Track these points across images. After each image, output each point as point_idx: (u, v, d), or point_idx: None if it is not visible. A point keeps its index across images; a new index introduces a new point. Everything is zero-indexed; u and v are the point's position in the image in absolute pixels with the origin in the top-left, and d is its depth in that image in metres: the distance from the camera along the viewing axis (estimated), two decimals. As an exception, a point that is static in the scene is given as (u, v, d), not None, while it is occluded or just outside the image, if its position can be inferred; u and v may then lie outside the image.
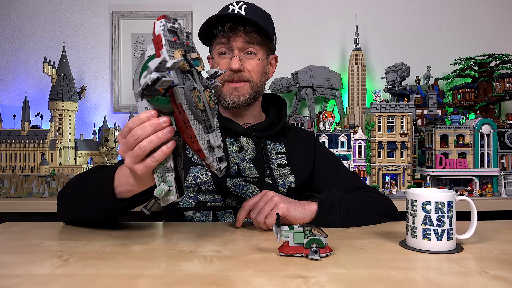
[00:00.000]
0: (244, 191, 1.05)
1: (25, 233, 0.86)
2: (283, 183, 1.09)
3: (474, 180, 1.83)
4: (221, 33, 1.05)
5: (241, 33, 1.05)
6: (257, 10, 1.10)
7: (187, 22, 2.28)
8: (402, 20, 2.33)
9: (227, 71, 1.07)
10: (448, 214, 0.72)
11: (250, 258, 0.68)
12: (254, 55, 1.10)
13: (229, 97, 1.10)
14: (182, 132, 0.69)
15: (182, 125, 0.68)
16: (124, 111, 2.27)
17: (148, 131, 0.67)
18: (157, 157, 0.68)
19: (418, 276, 0.59)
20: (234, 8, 1.06)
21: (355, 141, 1.92)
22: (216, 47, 1.10)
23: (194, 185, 1.06)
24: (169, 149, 0.68)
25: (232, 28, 1.04)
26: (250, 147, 1.13)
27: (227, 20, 1.04)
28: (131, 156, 0.70)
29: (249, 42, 1.07)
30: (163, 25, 0.65)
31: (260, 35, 1.07)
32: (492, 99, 2.06)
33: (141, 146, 0.68)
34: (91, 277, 0.58)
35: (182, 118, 0.67)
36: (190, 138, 0.68)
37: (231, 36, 1.06)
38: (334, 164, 1.20)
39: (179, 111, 0.66)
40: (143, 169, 0.70)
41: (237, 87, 1.09)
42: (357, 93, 2.12)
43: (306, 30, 2.31)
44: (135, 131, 0.68)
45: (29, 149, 1.83)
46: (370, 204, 1.01)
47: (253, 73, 1.10)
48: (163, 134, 0.67)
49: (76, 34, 2.29)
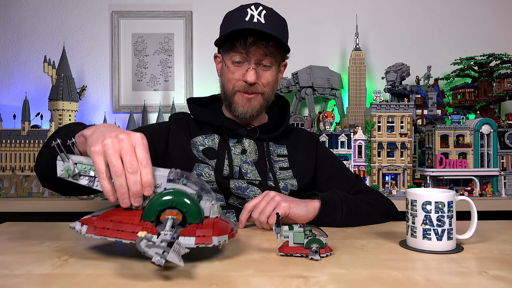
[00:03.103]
0: (246, 193, 1.05)
1: (25, 233, 0.86)
2: (285, 186, 1.09)
3: (474, 180, 1.83)
4: (242, 46, 1.04)
5: (261, 47, 1.04)
6: (276, 17, 1.09)
7: (187, 22, 2.28)
8: (402, 20, 2.33)
9: (241, 82, 1.08)
10: (448, 214, 0.72)
11: (250, 258, 0.68)
12: (269, 67, 1.09)
13: (241, 108, 1.10)
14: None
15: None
16: (124, 111, 2.27)
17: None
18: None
19: (418, 276, 0.59)
20: (253, 14, 1.05)
21: (355, 141, 1.92)
22: (231, 54, 1.08)
23: None
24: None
25: (254, 42, 1.03)
26: (253, 149, 1.13)
27: (250, 34, 1.02)
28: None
29: (267, 54, 1.06)
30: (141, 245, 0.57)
31: (279, 49, 1.07)
32: (492, 99, 2.06)
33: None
34: (91, 277, 0.58)
35: None
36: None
37: (251, 49, 1.04)
38: (337, 166, 1.21)
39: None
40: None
41: (250, 98, 1.10)
42: (357, 93, 2.12)
43: (306, 30, 2.31)
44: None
45: (29, 149, 1.83)
46: (372, 205, 1.02)
47: (267, 86, 1.10)
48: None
49: (76, 34, 2.29)
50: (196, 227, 0.62)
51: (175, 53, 2.29)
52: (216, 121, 1.15)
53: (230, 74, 1.09)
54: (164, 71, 2.29)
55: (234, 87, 1.09)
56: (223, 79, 1.14)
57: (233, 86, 1.10)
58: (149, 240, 0.57)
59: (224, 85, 1.13)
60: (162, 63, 2.29)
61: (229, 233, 0.65)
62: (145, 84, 2.29)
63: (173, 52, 2.29)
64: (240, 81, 1.08)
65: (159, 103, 2.26)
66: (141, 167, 0.64)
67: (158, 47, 2.29)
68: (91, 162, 0.68)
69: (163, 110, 2.22)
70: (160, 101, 2.27)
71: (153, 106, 2.27)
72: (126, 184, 0.63)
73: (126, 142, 0.65)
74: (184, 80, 2.29)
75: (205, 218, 0.64)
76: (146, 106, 2.25)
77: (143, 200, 0.65)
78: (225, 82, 1.12)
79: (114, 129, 0.69)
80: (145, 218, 0.63)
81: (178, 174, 0.67)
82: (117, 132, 0.67)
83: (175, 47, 2.29)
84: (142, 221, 0.62)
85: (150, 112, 2.26)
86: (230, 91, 1.11)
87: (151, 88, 2.29)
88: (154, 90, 2.29)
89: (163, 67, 2.29)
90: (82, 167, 0.69)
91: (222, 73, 1.15)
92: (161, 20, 2.29)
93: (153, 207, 0.63)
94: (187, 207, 0.62)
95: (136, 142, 0.65)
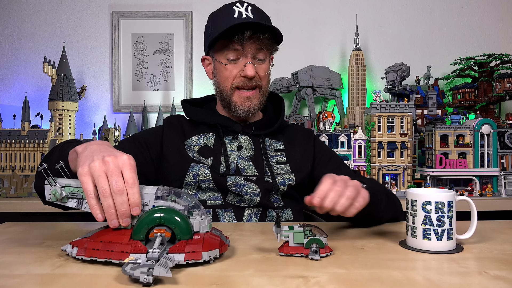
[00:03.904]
0: (244, 190, 1.04)
1: (25, 233, 0.86)
2: (283, 181, 1.08)
3: (474, 180, 1.83)
4: (240, 41, 1.03)
5: (257, 40, 1.04)
6: (261, 11, 1.10)
7: (187, 22, 2.28)
8: (402, 20, 2.33)
9: (239, 78, 1.08)
10: (448, 214, 0.72)
11: (250, 258, 0.68)
12: (263, 60, 1.10)
13: (242, 106, 1.10)
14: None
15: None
16: (124, 111, 2.27)
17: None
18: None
19: (418, 276, 0.59)
20: (241, 11, 1.05)
21: (355, 141, 1.92)
22: (225, 53, 1.07)
23: (194, 182, 1.06)
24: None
25: (250, 36, 1.03)
26: (249, 145, 1.13)
27: (248, 28, 1.02)
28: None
29: (261, 48, 1.07)
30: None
31: (272, 40, 1.07)
32: (492, 99, 2.06)
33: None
34: (91, 277, 0.58)
35: None
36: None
37: (247, 44, 1.05)
38: (335, 161, 1.20)
39: None
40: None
41: (250, 96, 1.09)
42: (357, 93, 2.12)
43: (306, 30, 2.31)
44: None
45: (29, 149, 1.83)
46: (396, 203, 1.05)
47: (263, 79, 1.11)
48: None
49: (76, 34, 2.29)
50: (186, 243, 0.62)
51: (175, 53, 2.29)
52: (211, 120, 1.15)
53: (227, 72, 1.08)
54: (164, 71, 2.29)
55: (232, 84, 1.09)
56: (218, 80, 1.13)
57: (231, 84, 1.09)
58: (134, 263, 0.57)
59: (220, 85, 1.12)
60: (162, 63, 2.29)
61: (220, 247, 0.64)
62: (145, 84, 2.29)
63: (173, 52, 2.29)
64: (239, 77, 1.08)
65: (159, 103, 2.26)
66: (128, 188, 0.65)
67: (158, 47, 2.29)
68: (78, 184, 0.68)
69: (163, 110, 2.22)
70: (160, 101, 2.27)
71: (153, 106, 2.27)
72: (114, 204, 0.64)
73: (112, 164, 0.65)
74: (184, 80, 2.29)
75: (195, 233, 0.64)
76: (146, 106, 2.25)
77: (131, 220, 0.65)
78: (222, 81, 1.11)
79: (103, 149, 0.70)
80: (134, 237, 0.63)
81: (166, 191, 0.67)
82: (105, 153, 0.67)
83: (175, 47, 2.29)
84: (132, 240, 0.63)
85: (150, 112, 2.26)
86: (228, 90, 1.10)
87: (151, 88, 2.29)
88: (154, 90, 2.29)
89: (163, 67, 2.29)
90: (69, 190, 0.69)
91: (215, 74, 1.14)
92: (161, 20, 2.29)
93: (141, 225, 0.63)
94: (176, 224, 0.62)
95: (123, 163, 0.66)
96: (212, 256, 0.63)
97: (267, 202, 1.06)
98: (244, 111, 1.10)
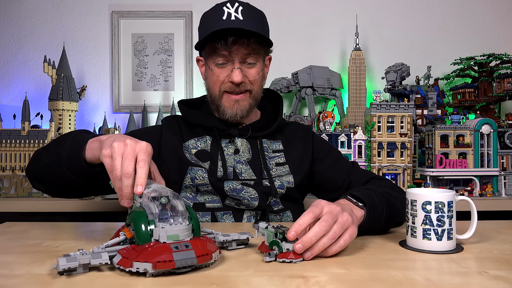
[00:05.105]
0: (241, 195, 1.04)
1: (25, 233, 0.86)
2: (281, 184, 1.07)
3: (474, 180, 1.83)
4: (224, 47, 1.00)
5: (243, 45, 1.00)
6: (254, 11, 1.05)
7: (187, 22, 2.28)
8: (402, 20, 2.33)
9: (227, 83, 1.05)
10: (448, 214, 0.72)
11: (250, 258, 0.68)
12: (254, 64, 1.05)
13: (230, 110, 1.07)
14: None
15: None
16: (124, 111, 2.27)
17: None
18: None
19: (418, 276, 0.59)
20: (230, 12, 1.01)
21: (355, 141, 1.92)
22: (213, 57, 1.05)
23: (192, 185, 1.05)
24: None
25: (235, 41, 0.99)
26: (246, 148, 1.11)
27: (230, 34, 0.98)
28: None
29: (250, 53, 1.03)
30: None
31: (262, 45, 1.04)
32: (492, 99, 2.06)
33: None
34: (91, 277, 0.58)
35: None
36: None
37: (233, 49, 1.01)
38: (334, 155, 1.19)
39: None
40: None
41: (238, 100, 1.06)
42: (357, 93, 2.12)
43: (306, 30, 2.31)
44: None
45: (29, 149, 1.83)
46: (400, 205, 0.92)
47: (254, 83, 1.07)
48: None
49: (76, 34, 2.29)
50: (131, 247, 0.61)
51: (175, 53, 2.29)
52: (207, 123, 1.12)
53: (215, 77, 1.06)
54: (164, 71, 2.29)
55: (220, 89, 1.06)
56: (208, 83, 1.11)
57: (219, 88, 1.06)
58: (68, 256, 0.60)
59: (210, 89, 1.10)
60: (162, 63, 2.29)
61: (154, 262, 0.57)
62: (145, 84, 2.29)
63: (173, 52, 2.29)
64: (227, 82, 1.05)
65: (159, 103, 2.26)
66: (138, 168, 0.69)
67: (158, 47, 2.29)
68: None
69: (163, 110, 2.22)
70: (160, 101, 2.27)
71: (153, 106, 2.27)
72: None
73: (130, 148, 0.71)
74: (184, 80, 2.29)
75: (154, 241, 0.61)
76: (146, 106, 2.25)
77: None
78: (211, 85, 1.09)
79: (126, 136, 0.75)
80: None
81: (162, 193, 0.66)
82: (127, 138, 0.73)
83: (175, 47, 2.29)
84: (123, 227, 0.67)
85: (150, 112, 2.26)
86: (216, 94, 1.08)
87: (151, 88, 2.29)
88: (154, 90, 2.29)
89: (163, 67, 2.29)
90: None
91: (206, 77, 1.12)
92: (161, 20, 2.29)
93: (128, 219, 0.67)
94: (135, 227, 0.63)
95: (141, 148, 0.71)
96: (141, 268, 0.58)
97: (266, 206, 1.05)
98: (233, 115, 1.07)
